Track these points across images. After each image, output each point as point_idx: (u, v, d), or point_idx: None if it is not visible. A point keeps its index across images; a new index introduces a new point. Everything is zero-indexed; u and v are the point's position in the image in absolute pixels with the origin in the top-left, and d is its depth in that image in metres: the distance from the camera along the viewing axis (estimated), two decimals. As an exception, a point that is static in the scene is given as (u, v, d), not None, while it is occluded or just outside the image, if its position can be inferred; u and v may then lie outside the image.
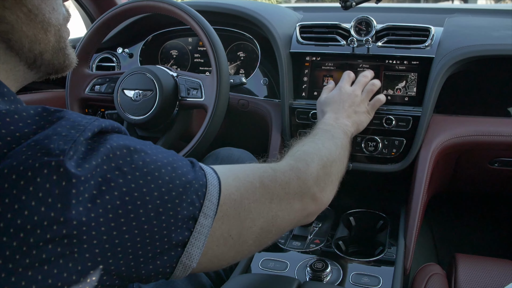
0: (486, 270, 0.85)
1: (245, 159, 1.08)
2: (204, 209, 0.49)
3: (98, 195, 0.41)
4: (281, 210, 0.59)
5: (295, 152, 0.71)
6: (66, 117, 0.44)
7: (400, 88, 1.10)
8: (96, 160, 0.42)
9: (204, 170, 0.53)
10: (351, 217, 1.07)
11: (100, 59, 1.42)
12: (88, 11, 1.47)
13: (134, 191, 0.43)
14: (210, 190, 0.51)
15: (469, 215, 1.63)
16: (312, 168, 0.66)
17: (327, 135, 0.81)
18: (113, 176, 0.42)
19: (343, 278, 0.87)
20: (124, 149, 0.45)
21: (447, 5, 3.12)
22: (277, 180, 0.60)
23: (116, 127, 0.48)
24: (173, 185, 0.47)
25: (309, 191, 0.64)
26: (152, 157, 0.47)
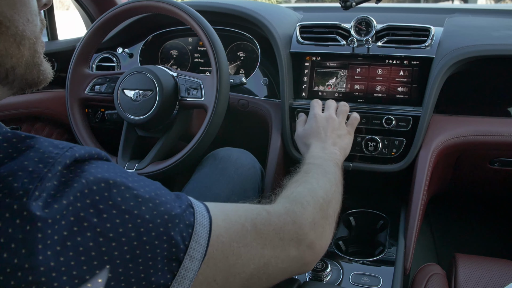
0: (486, 270, 0.85)
1: (244, 159, 1.07)
2: (190, 251, 0.46)
3: (69, 236, 0.38)
4: (274, 257, 0.54)
5: (289, 193, 0.66)
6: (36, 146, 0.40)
7: (400, 88, 1.10)
8: (67, 199, 0.39)
9: (194, 208, 0.49)
10: (351, 217, 1.07)
11: (100, 59, 1.42)
12: (88, 11, 1.47)
13: (109, 232, 0.40)
14: (198, 230, 0.47)
15: (469, 215, 1.63)
16: (309, 212, 0.61)
17: (319, 171, 0.77)
18: (87, 215, 0.39)
19: (343, 278, 0.87)
20: (101, 183, 0.41)
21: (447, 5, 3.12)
22: (271, 224, 0.55)
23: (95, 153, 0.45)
24: (153, 224, 0.43)
25: (306, 238, 0.58)
26: (133, 192, 0.43)
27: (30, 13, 0.47)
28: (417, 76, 1.09)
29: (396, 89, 1.10)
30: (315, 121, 0.96)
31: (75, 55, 1.09)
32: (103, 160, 0.46)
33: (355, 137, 1.09)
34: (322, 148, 0.88)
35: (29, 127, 1.36)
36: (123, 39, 1.40)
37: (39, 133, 1.39)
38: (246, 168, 1.05)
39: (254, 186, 1.06)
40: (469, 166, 1.19)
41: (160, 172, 0.99)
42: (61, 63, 1.42)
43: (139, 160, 1.04)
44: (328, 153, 0.86)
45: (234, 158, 1.06)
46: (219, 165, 1.04)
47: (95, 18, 1.26)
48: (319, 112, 0.98)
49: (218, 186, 0.99)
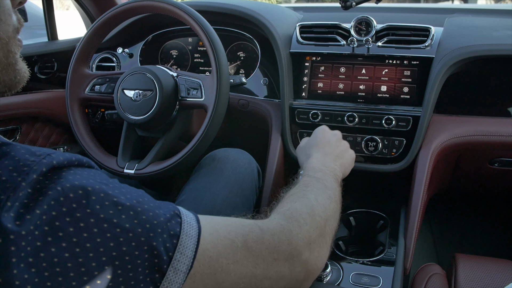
0: (486, 270, 0.85)
1: (241, 159, 1.07)
2: (175, 263, 0.43)
3: (42, 247, 0.36)
4: (267, 278, 0.51)
5: (286, 209, 0.61)
6: (11, 154, 0.38)
7: (400, 88, 1.10)
8: (41, 208, 0.37)
9: (182, 218, 0.47)
10: (351, 217, 1.07)
11: (100, 59, 1.42)
12: (88, 11, 1.47)
13: (86, 242, 0.38)
14: (184, 241, 0.45)
15: (469, 215, 1.63)
16: (305, 231, 0.57)
17: (319, 186, 0.72)
18: (62, 224, 0.37)
19: (343, 278, 0.87)
20: (79, 190, 0.39)
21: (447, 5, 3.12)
22: (264, 242, 0.52)
23: (75, 160, 0.42)
24: (133, 234, 0.41)
25: (301, 258, 0.55)
26: (112, 199, 0.41)
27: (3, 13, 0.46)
28: (417, 76, 1.09)
29: (396, 89, 1.10)
30: (322, 133, 0.90)
31: (75, 55, 1.09)
32: (84, 167, 0.43)
33: (355, 137, 1.09)
34: (323, 161, 0.82)
35: (29, 127, 1.36)
36: (123, 39, 1.40)
37: (39, 133, 1.39)
38: (243, 168, 1.05)
39: (252, 185, 1.06)
40: (469, 166, 1.19)
41: (160, 172, 0.99)
42: (61, 63, 1.42)
43: (139, 160, 1.04)
44: (329, 168, 0.81)
45: (231, 158, 1.06)
46: (217, 166, 1.04)
47: (95, 18, 1.26)
48: (326, 128, 0.93)
49: (216, 186, 1.00)
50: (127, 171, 1.02)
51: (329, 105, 1.13)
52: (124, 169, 1.02)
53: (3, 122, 1.27)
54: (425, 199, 1.01)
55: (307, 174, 0.77)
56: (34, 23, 2.37)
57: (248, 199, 1.03)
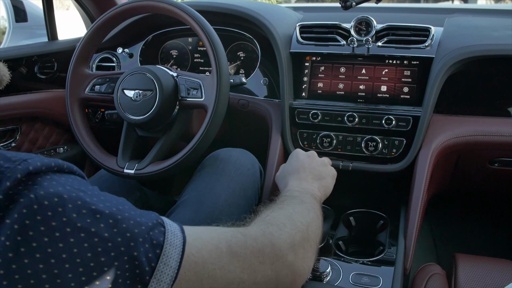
0: (486, 270, 0.85)
1: (244, 159, 1.07)
2: (157, 274, 0.42)
3: (14, 258, 0.34)
4: (255, 283, 0.51)
5: (264, 217, 0.61)
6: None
7: (400, 88, 1.10)
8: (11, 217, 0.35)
9: (165, 227, 0.45)
10: (351, 217, 1.07)
11: (100, 59, 1.42)
12: (88, 11, 1.47)
13: (62, 252, 0.36)
14: (168, 251, 0.43)
15: (469, 215, 1.63)
16: (286, 233, 0.57)
17: (295, 201, 0.70)
18: (36, 234, 0.35)
19: (343, 278, 0.87)
20: (54, 197, 0.37)
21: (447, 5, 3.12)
22: (247, 246, 0.51)
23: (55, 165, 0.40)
24: (112, 244, 0.39)
25: (286, 259, 0.54)
26: (91, 207, 0.39)
27: None
28: (417, 76, 1.09)
29: (396, 89, 1.10)
30: (296, 160, 0.87)
31: (75, 55, 1.09)
32: (63, 172, 0.41)
33: (355, 137, 1.09)
34: (299, 184, 0.80)
35: (29, 127, 1.36)
36: (123, 39, 1.40)
37: (39, 133, 1.39)
38: (245, 168, 1.05)
39: (254, 185, 1.06)
40: (469, 166, 1.19)
41: (160, 172, 0.99)
42: (61, 63, 1.42)
43: (139, 160, 1.04)
44: (306, 188, 0.78)
45: (234, 158, 1.06)
46: (219, 166, 1.04)
47: (95, 18, 1.26)
48: (299, 152, 0.90)
49: (218, 186, 0.99)
50: (127, 171, 1.02)
51: (329, 105, 1.13)
52: (124, 169, 1.02)
53: (3, 122, 1.27)
54: (425, 199, 1.01)
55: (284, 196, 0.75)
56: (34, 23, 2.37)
57: (250, 200, 1.03)
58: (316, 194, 0.78)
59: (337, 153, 1.11)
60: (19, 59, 1.34)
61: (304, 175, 0.82)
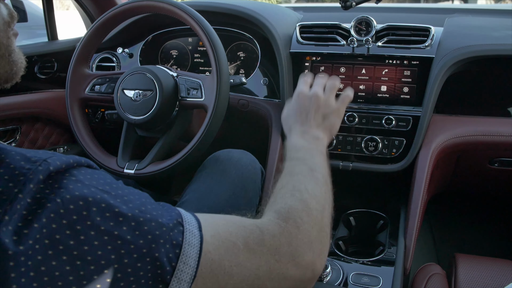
0: (486, 270, 0.85)
1: (244, 160, 1.07)
2: (178, 273, 0.43)
3: (43, 261, 0.35)
4: (270, 279, 0.51)
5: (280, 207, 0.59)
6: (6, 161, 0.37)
7: (400, 88, 1.10)
8: (40, 221, 0.36)
9: (184, 226, 0.46)
10: (351, 217, 1.07)
11: (100, 59, 1.42)
12: (88, 11, 1.47)
13: (87, 255, 0.37)
14: (187, 251, 0.44)
15: (469, 215, 1.63)
16: (305, 231, 0.56)
17: (305, 170, 0.68)
18: (63, 238, 0.37)
19: (343, 278, 0.87)
20: (80, 201, 0.38)
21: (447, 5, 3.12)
22: (265, 244, 0.51)
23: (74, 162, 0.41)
24: (134, 246, 0.40)
25: (304, 259, 0.54)
26: (114, 210, 0.40)
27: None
28: (417, 76, 1.09)
29: (396, 89, 1.10)
30: (297, 101, 0.83)
31: (75, 55, 1.09)
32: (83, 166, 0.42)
33: (355, 137, 1.09)
34: (303, 132, 0.78)
35: (29, 127, 1.36)
36: (123, 39, 1.40)
37: (39, 133, 1.39)
38: (246, 169, 1.05)
39: (255, 186, 1.06)
40: (469, 166, 1.19)
41: (160, 172, 0.99)
42: (61, 63, 1.42)
43: (139, 160, 1.04)
44: (310, 139, 0.76)
45: (234, 159, 1.06)
46: (220, 167, 1.04)
47: (95, 18, 1.26)
48: (303, 89, 0.85)
49: (219, 187, 0.99)
50: (127, 171, 1.02)
51: (329, 105, 1.13)
52: (124, 169, 1.02)
53: (3, 122, 1.27)
54: (425, 199, 1.01)
55: (289, 157, 0.73)
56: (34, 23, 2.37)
57: (251, 201, 1.03)
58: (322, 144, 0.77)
59: (337, 153, 1.11)
60: (19, 59, 1.33)
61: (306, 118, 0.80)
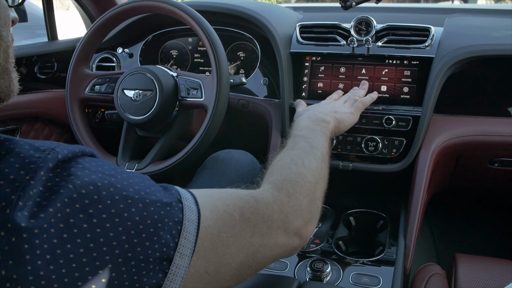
0: (486, 270, 0.85)
1: (244, 160, 1.07)
2: (180, 248, 0.45)
3: (58, 244, 0.37)
4: (263, 245, 0.54)
5: (275, 178, 0.64)
6: (16, 150, 0.38)
7: (400, 88, 1.10)
8: (54, 206, 0.37)
9: (183, 203, 0.48)
10: (351, 217, 1.07)
11: (100, 59, 1.42)
12: (88, 11, 1.47)
13: (100, 237, 0.39)
14: (187, 226, 0.46)
15: (469, 215, 1.63)
16: (295, 199, 0.61)
17: (305, 147, 0.73)
18: (77, 221, 0.38)
19: (343, 278, 0.87)
20: (90, 186, 0.40)
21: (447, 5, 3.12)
22: (259, 212, 0.55)
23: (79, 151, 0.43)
24: (143, 226, 0.42)
25: (292, 226, 0.58)
26: (122, 193, 0.42)
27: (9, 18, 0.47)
28: (417, 76, 1.09)
29: (396, 89, 1.10)
30: (318, 104, 0.93)
31: (75, 55, 1.09)
32: (87, 156, 0.44)
33: (355, 137, 1.09)
34: (311, 115, 0.83)
35: (29, 127, 1.36)
36: (123, 39, 1.40)
37: (39, 133, 1.39)
38: (246, 169, 1.05)
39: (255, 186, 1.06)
40: (469, 166, 1.19)
41: (160, 172, 0.99)
42: (61, 63, 1.42)
43: (139, 160, 1.04)
44: (317, 121, 0.81)
45: (234, 159, 1.06)
46: (220, 167, 1.04)
47: (95, 18, 1.26)
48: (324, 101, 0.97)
49: (219, 187, 0.99)
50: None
51: (329, 105, 1.13)
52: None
53: (3, 122, 1.27)
54: (425, 199, 1.01)
55: (293, 134, 0.78)
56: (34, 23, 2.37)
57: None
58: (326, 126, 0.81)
59: (337, 153, 1.11)
60: (19, 59, 1.34)
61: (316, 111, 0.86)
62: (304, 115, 0.85)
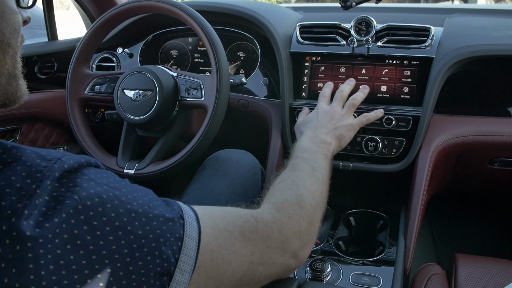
0: (486, 270, 0.85)
1: (244, 160, 1.07)
2: (180, 264, 0.45)
3: (62, 255, 0.37)
4: (261, 264, 0.55)
5: (276, 199, 0.65)
6: (23, 159, 0.39)
7: (400, 88, 1.10)
8: (59, 216, 0.38)
9: (184, 219, 0.48)
10: (351, 217, 1.07)
11: (100, 59, 1.42)
12: (88, 11, 1.47)
13: (103, 249, 0.40)
14: (187, 243, 0.47)
15: (469, 215, 1.63)
16: (295, 221, 0.61)
17: (307, 169, 0.74)
18: (81, 232, 0.38)
19: (343, 278, 0.87)
20: (95, 198, 0.40)
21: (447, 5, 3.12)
22: (258, 231, 0.56)
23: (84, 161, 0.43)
24: (145, 240, 0.43)
25: (291, 247, 0.59)
26: (126, 206, 0.43)
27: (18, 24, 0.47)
28: (417, 76, 1.09)
29: (396, 89, 1.10)
30: (315, 112, 0.93)
31: (75, 55, 1.09)
32: (92, 166, 0.44)
33: (355, 137, 1.09)
34: (313, 137, 0.84)
35: (29, 127, 1.36)
36: (123, 39, 1.40)
37: (39, 133, 1.39)
38: (246, 169, 1.05)
39: (255, 186, 1.06)
40: (469, 166, 1.19)
41: (160, 172, 0.99)
42: (61, 63, 1.42)
43: (139, 160, 1.04)
44: (318, 142, 0.82)
45: (235, 159, 1.06)
46: (220, 167, 1.04)
47: (95, 18, 1.26)
48: (322, 104, 0.95)
49: (219, 187, 1.00)
50: (127, 171, 1.02)
51: (329, 105, 1.13)
52: (124, 169, 1.02)
53: (3, 122, 1.27)
54: (425, 199, 1.01)
55: (295, 155, 0.79)
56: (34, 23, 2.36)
57: (251, 201, 1.04)
58: (328, 148, 0.83)
59: (337, 153, 1.11)
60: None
61: (318, 125, 0.87)
62: (306, 136, 0.85)
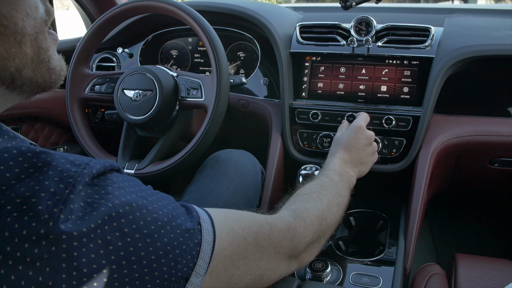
0: (486, 270, 0.85)
1: (245, 160, 1.07)
2: (197, 269, 0.47)
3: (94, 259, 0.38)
4: (268, 269, 0.57)
5: (297, 207, 0.67)
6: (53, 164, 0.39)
7: (400, 88, 1.10)
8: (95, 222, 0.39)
9: (201, 225, 0.50)
10: (351, 217, 1.07)
11: (100, 59, 1.42)
12: (88, 11, 1.47)
13: (132, 255, 0.41)
14: (204, 248, 0.48)
15: (469, 215, 1.63)
16: (309, 232, 0.63)
17: (334, 191, 0.77)
18: (113, 239, 0.40)
19: (343, 278, 0.87)
20: (127, 206, 0.42)
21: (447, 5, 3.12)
22: (271, 238, 0.57)
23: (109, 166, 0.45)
24: (170, 247, 0.44)
25: (298, 255, 0.62)
26: (153, 215, 0.44)
27: (29, 6, 0.43)
28: (417, 76, 1.09)
29: (396, 89, 1.10)
30: (354, 132, 0.93)
31: (75, 55, 1.09)
32: (115, 171, 0.46)
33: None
34: (345, 165, 0.88)
35: (29, 127, 1.36)
36: (123, 39, 1.40)
37: (39, 133, 1.39)
38: (246, 169, 1.05)
39: (255, 186, 1.06)
40: (469, 166, 1.19)
41: (160, 172, 0.99)
42: (61, 63, 1.42)
43: (139, 160, 1.04)
44: (347, 175, 0.86)
45: (235, 159, 1.06)
46: (220, 167, 1.04)
47: (95, 18, 1.26)
48: (362, 125, 0.95)
49: (219, 187, 1.00)
50: (127, 171, 1.02)
51: (329, 105, 1.13)
52: (124, 169, 1.02)
53: (3, 122, 1.26)
54: (425, 199, 1.01)
55: (326, 174, 0.83)
56: (34, 23, 2.36)
57: (251, 201, 1.04)
58: (353, 182, 0.88)
59: None
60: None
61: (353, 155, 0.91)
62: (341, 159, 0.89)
